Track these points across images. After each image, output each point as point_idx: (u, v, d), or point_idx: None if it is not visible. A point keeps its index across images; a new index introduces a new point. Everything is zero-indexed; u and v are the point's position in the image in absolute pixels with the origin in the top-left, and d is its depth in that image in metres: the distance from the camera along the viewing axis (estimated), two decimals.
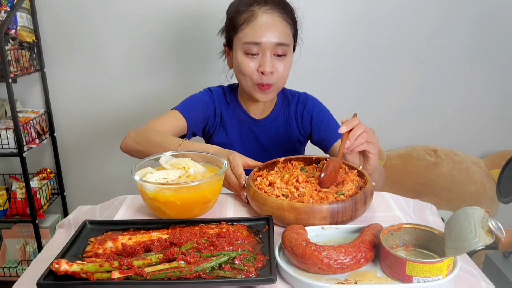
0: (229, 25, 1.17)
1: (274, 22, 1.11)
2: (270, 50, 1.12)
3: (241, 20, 1.12)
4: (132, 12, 1.85)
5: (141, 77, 1.94)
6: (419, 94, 1.98)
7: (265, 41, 1.11)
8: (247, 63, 1.14)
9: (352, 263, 0.68)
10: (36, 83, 1.96)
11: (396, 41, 1.89)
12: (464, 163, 1.94)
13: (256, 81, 1.15)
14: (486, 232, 0.62)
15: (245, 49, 1.13)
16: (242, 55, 1.14)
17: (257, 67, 1.14)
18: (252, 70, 1.14)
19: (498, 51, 1.92)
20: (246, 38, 1.12)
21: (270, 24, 1.11)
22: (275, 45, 1.12)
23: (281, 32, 1.12)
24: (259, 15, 1.11)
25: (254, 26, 1.11)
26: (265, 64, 1.12)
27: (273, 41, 1.11)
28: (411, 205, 0.98)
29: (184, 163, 0.94)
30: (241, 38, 1.13)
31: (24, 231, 2.02)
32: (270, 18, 1.11)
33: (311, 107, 1.30)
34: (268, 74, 1.13)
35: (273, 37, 1.11)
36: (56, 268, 0.65)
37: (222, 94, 1.30)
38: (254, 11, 1.12)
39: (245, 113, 1.28)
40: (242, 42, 1.13)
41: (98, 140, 2.04)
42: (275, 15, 1.12)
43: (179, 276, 0.65)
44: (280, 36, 1.12)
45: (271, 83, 1.15)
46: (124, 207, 0.96)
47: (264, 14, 1.11)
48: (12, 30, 1.75)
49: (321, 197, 0.86)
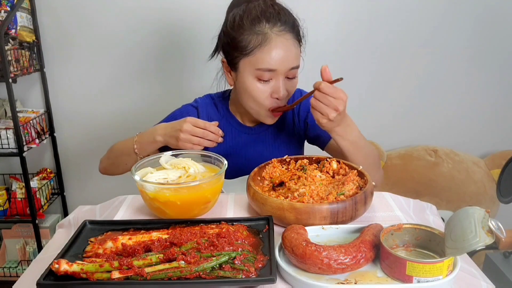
0: (234, 45, 1.07)
1: (288, 45, 1.05)
2: (283, 75, 1.07)
3: (251, 43, 1.04)
4: (132, 12, 1.85)
5: (141, 77, 1.94)
6: (419, 94, 1.98)
7: (281, 67, 1.05)
8: (260, 89, 1.07)
9: (352, 263, 0.68)
10: (36, 83, 1.96)
11: (396, 41, 1.89)
12: (464, 163, 1.94)
13: (270, 105, 1.10)
14: (487, 232, 0.62)
15: (257, 75, 1.06)
16: (252, 80, 1.07)
17: (270, 92, 1.08)
18: (265, 95, 1.08)
19: (498, 51, 1.92)
20: (259, 64, 1.04)
21: (284, 49, 1.04)
22: (289, 69, 1.07)
23: (294, 56, 1.07)
24: (272, 39, 1.03)
25: (268, 51, 1.03)
26: (279, 89, 1.07)
27: (289, 67, 1.06)
28: (411, 205, 0.98)
29: (184, 163, 0.94)
30: (253, 63, 1.05)
31: (24, 231, 2.02)
32: (284, 42, 1.04)
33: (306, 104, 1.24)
34: (282, 99, 1.09)
35: (288, 63, 1.05)
36: (56, 268, 0.65)
37: (210, 103, 1.24)
38: (266, 34, 1.03)
39: (237, 122, 1.23)
40: (255, 68, 1.05)
41: (98, 140, 2.03)
42: (287, 36, 1.05)
43: (179, 276, 0.65)
44: (294, 60, 1.07)
45: (283, 104, 1.11)
46: (124, 207, 0.96)
47: (277, 37, 1.04)
48: (12, 30, 1.75)
49: (321, 197, 0.86)
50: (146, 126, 1.99)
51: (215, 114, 1.23)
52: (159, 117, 1.97)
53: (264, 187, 0.97)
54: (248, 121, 1.23)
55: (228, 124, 1.22)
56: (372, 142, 1.99)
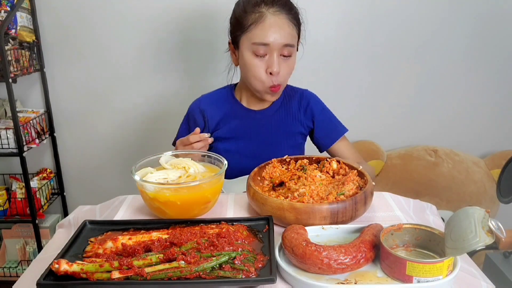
0: (236, 24, 1.20)
1: (282, 23, 1.15)
2: (277, 50, 1.15)
3: (249, 20, 1.15)
4: (132, 12, 1.85)
5: (141, 77, 1.94)
6: (419, 94, 1.98)
7: (273, 42, 1.13)
8: (256, 64, 1.17)
9: (352, 263, 0.68)
10: (36, 83, 1.96)
11: (397, 40, 1.89)
12: (464, 163, 1.94)
13: (268, 84, 1.18)
14: (487, 232, 0.62)
15: (253, 50, 1.16)
16: (250, 55, 1.17)
17: (265, 67, 1.17)
18: (261, 72, 1.17)
19: (498, 51, 1.92)
20: (255, 39, 1.14)
21: (278, 25, 1.14)
22: (282, 46, 1.15)
23: (288, 33, 1.15)
24: (267, 17, 1.14)
25: (262, 27, 1.13)
26: (272, 64, 1.15)
27: (281, 42, 1.14)
28: (411, 205, 0.98)
29: (184, 163, 0.95)
30: (249, 38, 1.16)
31: (24, 231, 2.02)
32: (278, 20, 1.14)
33: (314, 104, 1.33)
34: (276, 74, 1.16)
35: (280, 38, 1.14)
36: (56, 268, 0.65)
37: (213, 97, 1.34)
38: (262, 12, 1.14)
39: (241, 106, 1.30)
40: (251, 42, 1.15)
41: (98, 139, 2.03)
42: (282, 16, 1.15)
43: (179, 276, 0.65)
44: (287, 37, 1.15)
45: (279, 83, 1.19)
46: (124, 207, 0.96)
47: (272, 16, 1.14)
48: (12, 30, 1.74)
49: (321, 197, 0.86)
50: (146, 126, 2.01)
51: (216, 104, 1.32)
52: (159, 117, 1.98)
53: (264, 187, 0.97)
54: (253, 104, 1.30)
55: (232, 108, 1.31)
56: (372, 142, 1.99)
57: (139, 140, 2.01)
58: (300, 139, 1.32)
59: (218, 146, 1.27)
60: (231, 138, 1.28)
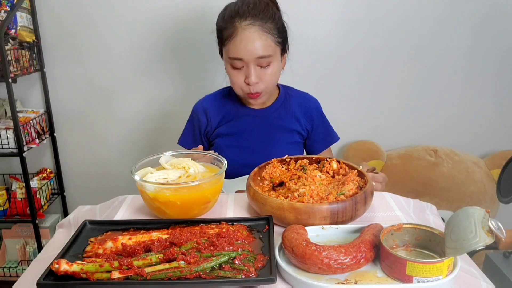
0: (218, 36, 1.25)
1: (253, 37, 1.15)
2: (253, 62, 1.18)
3: (225, 35, 1.19)
4: (132, 12, 1.85)
5: (141, 77, 1.94)
6: (419, 94, 1.97)
7: (245, 56, 1.16)
8: (235, 75, 1.22)
9: (352, 263, 0.68)
10: (36, 83, 1.96)
11: (396, 40, 1.89)
12: (464, 163, 1.94)
13: (246, 91, 1.22)
14: (487, 232, 0.62)
15: (230, 63, 1.20)
16: (229, 67, 1.22)
17: (244, 78, 1.20)
18: (240, 81, 1.21)
19: (498, 51, 1.92)
20: (230, 53, 1.19)
21: (249, 39, 1.15)
22: (256, 58, 1.17)
23: (261, 46, 1.16)
24: (239, 32, 1.16)
25: (234, 42, 1.16)
26: (249, 76, 1.18)
27: (254, 56, 1.16)
28: (411, 205, 0.98)
29: (184, 163, 0.95)
30: (226, 52, 1.20)
31: (24, 231, 2.02)
32: (249, 34, 1.15)
33: (315, 109, 1.37)
34: (253, 85, 1.19)
35: (253, 52, 1.16)
36: (56, 268, 0.65)
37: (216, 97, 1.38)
38: (235, 27, 1.16)
39: (242, 105, 1.34)
40: (227, 56, 1.20)
41: (98, 140, 2.03)
42: (254, 29, 1.16)
43: (179, 276, 0.65)
44: (261, 49, 1.16)
45: (259, 91, 1.22)
46: (124, 207, 0.96)
47: (243, 31, 1.15)
48: (12, 30, 1.74)
49: (321, 197, 0.86)
50: (146, 126, 2.01)
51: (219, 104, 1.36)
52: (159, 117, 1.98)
53: (264, 187, 0.97)
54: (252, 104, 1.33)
55: (233, 107, 1.35)
56: (372, 142, 1.99)
57: (139, 140, 2.02)
58: (298, 138, 1.35)
59: (219, 142, 1.32)
60: (231, 134, 1.32)
